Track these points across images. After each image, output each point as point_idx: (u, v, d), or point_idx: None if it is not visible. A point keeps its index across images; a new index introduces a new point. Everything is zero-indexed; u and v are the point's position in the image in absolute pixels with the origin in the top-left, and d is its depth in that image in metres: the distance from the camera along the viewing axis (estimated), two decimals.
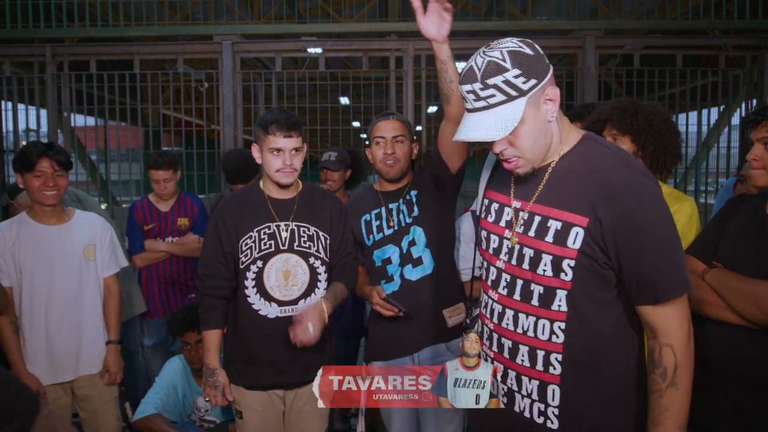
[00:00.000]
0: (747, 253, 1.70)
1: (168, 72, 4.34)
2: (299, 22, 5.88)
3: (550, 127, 1.36)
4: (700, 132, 4.73)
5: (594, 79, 4.09)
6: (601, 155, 1.37)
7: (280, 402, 2.24)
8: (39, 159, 2.35)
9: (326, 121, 4.45)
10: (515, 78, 1.28)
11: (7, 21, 4.26)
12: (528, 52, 1.30)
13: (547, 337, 1.38)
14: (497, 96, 1.29)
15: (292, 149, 2.11)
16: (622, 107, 1.97)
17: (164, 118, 4.84)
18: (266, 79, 4.69)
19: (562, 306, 1.36)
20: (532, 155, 1.36)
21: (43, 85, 4.31)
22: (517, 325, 1.43)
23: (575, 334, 1.36)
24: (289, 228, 2.18)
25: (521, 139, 1.33)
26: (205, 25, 4.55)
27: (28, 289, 2.39)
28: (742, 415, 1.66)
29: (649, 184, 1.31)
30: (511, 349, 1.44)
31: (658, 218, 1.30)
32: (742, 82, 4.35)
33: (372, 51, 4.23)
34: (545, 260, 1.36)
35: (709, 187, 4.92)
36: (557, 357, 1.38)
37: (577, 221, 1.32)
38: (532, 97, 1.30)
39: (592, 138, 1.43)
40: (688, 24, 4.35)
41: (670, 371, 1.31)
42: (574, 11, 4.64)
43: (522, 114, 1.29)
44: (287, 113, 2.15)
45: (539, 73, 1.30)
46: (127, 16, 4.25)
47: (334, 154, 3.39)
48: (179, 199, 3.48)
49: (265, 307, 2.16)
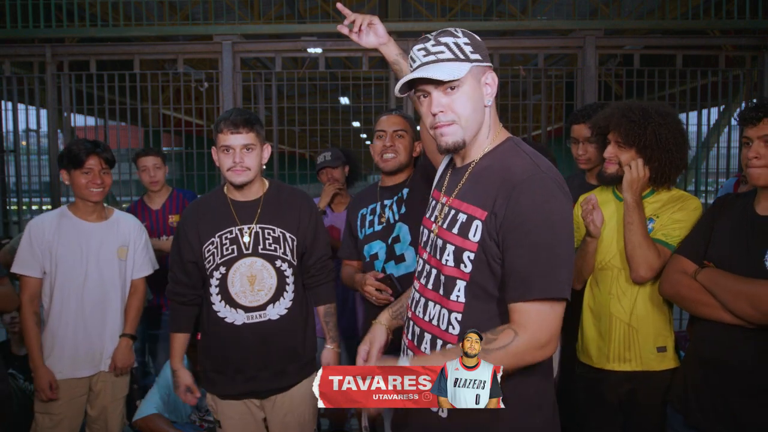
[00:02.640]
0: (738, 251, 1.70)
1: (168, 72, 4.34)
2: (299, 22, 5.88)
3: (483, 111, 1.42)
4: (700, 132, 4.73)
5: (594, 79, 4.09)
6: (515, 156, 1.40)
7: (258, 410, 2.18)
8: (88, 156, 2.41)
9: (326, 121, 4.45)
10: (465, 45, 1.38)
11: (7, 21, 4.26)
12: (475, 36, 1.42)
13: (445, 327, 1.41)
14: (446, 53, 1.37)
15: (242, 146, 2.03)
16: (631, 118, 1.93)
17: (164, 118, 4.84)
18: (266, 79, 4.68)
19: (460, 297, 1.39)
20: (466, 122, 1.39)
21: (43, 85, 4.31)
22: (425, 312, 1.47)
23: (470, 326, 1.36)
24: (253, 231, 2.11)
25: (459, 102, 1.38)
26: (205, 25, 4.55)
27: (61, 282, 2.42)
28: (737, 417, 1.66)
29: (547, 184, 1.31)
30: (418, 336, 1.48)
31: (542, 218, 1.29)
32: (742, 82, 4.35)
33: (372, 51, 4.23)
34: (449, 250, 1.40)
35: (709, 187, 4.92)
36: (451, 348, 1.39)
37: (478, 214, 1.36)
38: (476, 69, 1.38)
39: (514, 141, 1.46)
40: (688, 24, 4.36)
41: (494, 345, 1.27)
42: (574, 11, 4.64)
43: (464, 78, 1.36)
44: (242, 111, 2.09)
45: (484, 55, 1.40)
46: (127, 16, 4.25)
47: (328, 154, 3.41)
48: (171, 197, 3.48)
49: (231, 314, 2.10)
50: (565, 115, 4.64)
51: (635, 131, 1.92)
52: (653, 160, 1.92)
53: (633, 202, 1.93)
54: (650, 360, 1.95)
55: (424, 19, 7.37)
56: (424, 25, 4.89)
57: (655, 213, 2.00)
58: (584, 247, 2.04)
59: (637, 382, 1.96)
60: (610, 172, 2.03)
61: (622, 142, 1.96)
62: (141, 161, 3.41)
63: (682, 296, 1.80)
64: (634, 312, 1.97)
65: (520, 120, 4.84)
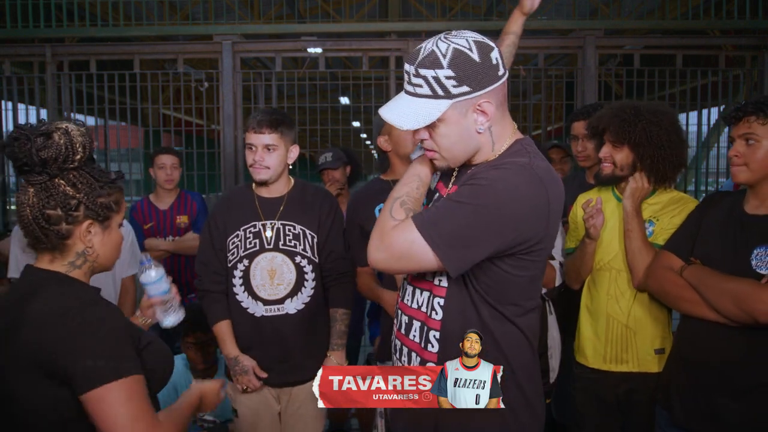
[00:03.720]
0: (725, 249, 1.70)
1: (168, 72, 4.34)
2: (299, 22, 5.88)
3: (477, 137, 1.32)
4: (700, 132, 4.72)
5: (594, 79, 4.09)
6: (515, 156, 1.33)
7: (275, 401, 2.24)
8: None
9: (326, 121, 4.45)
10: (446, 79, 1.23)
11: (7, 21, 4.26)
12: (473, 58, 1.23)
13: (428, 313, 1.38)
14: (424, 88, 1.26)
15: (263, 146, 2.11)
16: (622, 117, 1.94)
17: (164, 118, 4.83)
18: (266, 79, 4.68)
19: (443, 281, 1.36)
20: (448, 155, 1.34)
21: (43, 85, 4.31)
22: (413, 300, 1.44)
23: (452, 311, 1.35)
24: (275, 227, 2.18)
25: (439, 137, 1.31)
26: (205, 25, 4.55)
27: None
28: (719, 416, 1.65)
29: (524, 171, 1.26)
30: (407, 324, 1.45)
31: (489, 182, 1.24)
32: (742, 82, 4.35)
33: (372, 51, 4.23)
34: None
35: (709, 187, 4.92)
36: (435, 334, 1.37)
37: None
38: (460, 103, 1.26)
39: (523, 143, 1.37)
40: (688, 24, 4.36)
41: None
42: (574, 11, 4.64)
43: (442, 115, 1.26)
44: (272, 112, 2.17)
45: (477, 82, 1.24)
46: (127, 16, 4.25)
47: (329, 155, 3.40)
48: (178, 197, 3.49)
49: (252, 305, 2.18)
50: (565, 115, 4.64)
51: (626, 129, 1.93)
52: (645, 157, 1.93)
53: (632, 211, 1.94)
54: (648, 362, 1.96)
55: (424, 19, 7.37)
56: (424, 25, 4.89)
57: (655, 215, 2.00)
58: (583, 248, 2.05)
59: (634, 383, 1.97)
60: (606, 173, 2.04)
61: (614, 141, 1.97)
62: (159, 158, 3.41)
63: (666, 291, 1.82)
64: (631, 313, 1.97)
65: (520, 120, 4.84)
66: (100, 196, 1.27)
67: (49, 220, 1.22)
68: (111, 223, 1.33)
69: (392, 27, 4.45)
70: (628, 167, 1.97)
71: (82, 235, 1.27)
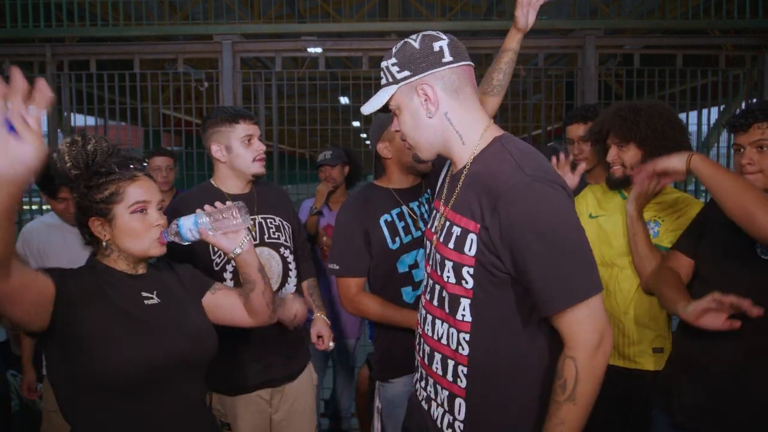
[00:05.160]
0: (731, 242, 1.70)
1: (168, 72, 4.34)
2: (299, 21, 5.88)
3: (431, 123, 1.35)
4: (700, 132, 4.72)
5: (594, 79, 4.09)
6: (500, 161, 1.30)
7: (267, 405, 2.20)
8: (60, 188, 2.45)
9: (326, 121, 4.44)
10: (392, 66, 1.36)
11: (7, 21, 4.26)
12: (414, 45, 1.34)
13: (455, 348, 1.35)
14: (383, 78, 1.40)
15: (258, 136, 2.13)
16: (622, 115, 1.95)
17: (164, 117, 4.83)
18: (266, 79, 4.68)
19: (466, 315, 1.32)
20: (414, 143, 1.41)
21: None
22: (434, 331, 1.41)
23: (479, 347, 1.32)
24: (257, 222, 2.16)
25: (402, 125, 1.41)
26: (205, 25, 4.54)
27: None
28: (721, 418, 1.65)
29: (534, 188, 1.22)
30: (429, 355, 1.43)
31: (539, 227, 1.21)
32: (742, 82, 4.34)
33: (372, 51, 4.23)
34: (448, 266, 1.34)
35: None
36: (463, 369, 1.34)
37: (471, 227, 1.29)
38: (405, 87, 1.35)
39: (502, 141, 1.35)
40: (688, 24, 4.34)
41: (570, 384, 1.23)
42: (574, 11, 4.63)
43: (395, 101, 1.37)
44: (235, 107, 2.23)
45: (416, 66, 1.32)
46: (127, 16, 4.25)
47: (329, 153, 3.41)
48: (174, 198, 3.47)
49: None
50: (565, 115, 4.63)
51: (629, 126, 1.94)
52: (653, 150, 1.92)
53: (635, 214, 1.94)
54: (645, 360, 1.96)
55: (424, 19, 7.37)
56: (424, 25, 4.88)
57: (660, 216, 2.00)
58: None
59: (632, 381, 1.97)
60: (617, 175, 2.04)
61: (620, 141, 1.97)
62: (154, 161, 3.40)
63: (653, 288, 1.85)
64: (631, 312, 1.97)
65: (520, 120, 4.85)
66: (95, 194, 1.44)
67: (78, 223, 1.50)
68: (115, 214, 1.45)
69: (392, 27, 4.44)
70: (637, 165, 1.96)
71: (96, 231, 1.47)
